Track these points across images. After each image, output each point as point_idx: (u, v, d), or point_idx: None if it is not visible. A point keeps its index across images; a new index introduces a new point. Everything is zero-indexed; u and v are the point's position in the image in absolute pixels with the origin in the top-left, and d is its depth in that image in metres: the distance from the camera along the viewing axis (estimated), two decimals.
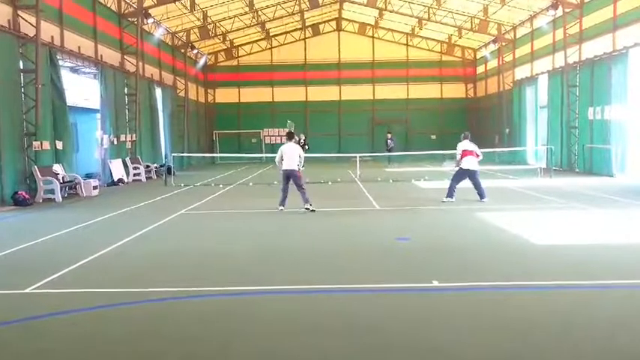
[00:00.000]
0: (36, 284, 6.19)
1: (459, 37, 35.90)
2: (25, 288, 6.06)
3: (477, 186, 13.12)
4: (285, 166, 11.88)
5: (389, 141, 28.39)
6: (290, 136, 12.48)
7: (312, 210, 11.69)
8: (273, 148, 37.21)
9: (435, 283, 6.03)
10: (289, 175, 11.90)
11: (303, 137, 27.42)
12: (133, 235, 9.13)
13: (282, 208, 11.90)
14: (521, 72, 30.00)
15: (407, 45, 38.76)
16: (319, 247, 8.22)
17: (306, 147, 27.82)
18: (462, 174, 13.13)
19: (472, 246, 8.08)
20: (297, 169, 11.90)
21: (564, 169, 23.14)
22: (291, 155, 11.87)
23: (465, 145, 13.30)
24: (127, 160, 22.34)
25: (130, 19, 23.20)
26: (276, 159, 12.25)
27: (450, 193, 13.04)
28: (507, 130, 31.55)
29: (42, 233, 9.51)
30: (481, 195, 13.04)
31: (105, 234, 9.49)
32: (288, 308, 5.32)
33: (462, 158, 13.15)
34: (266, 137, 38.69)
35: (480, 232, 9.29)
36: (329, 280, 6.29)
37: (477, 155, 13.19)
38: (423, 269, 6.79)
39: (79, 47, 19.10)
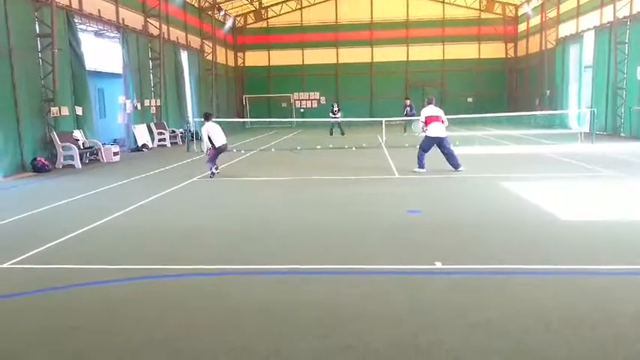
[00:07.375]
0: (14, 259, 5.92)
1: None
2: (3, 263, 5.80)
3: (448, 156, 12.05)
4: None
5: (407, 108, 26.54)
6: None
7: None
8: (304, 113, 36.60)
9: (438, 265, 5.41)
10: None
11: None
12: (129, 208, 8.75)
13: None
14: (566, 29, 27.94)
15: (443, 2, 36.81)
16: (318, 222, 7.59)
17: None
18: (429, 142, 12.10)
19: (489, 221, 7.35)
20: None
21: (608, 133, 21.62)
22: None
23: (430, 110, 12.24)
24: (152, 125, 22.20)
25: None
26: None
27: (421, 164, 12.09)
28: (548, 92, 29.76)
29: (45, 202, 9.33)
30: (455, 165, 11.96)
31: (104, 204, 9.18)
32: (255, 293, 4.80)
33: (427, 125, 12.11)
34: (296, 101, 37.95)
35: (501, 204, 8.50)
36: (316, 260, 5.73)
37: (443, 121, 12.11)
38: (427, 248, 6.14)
39: (99, 10, 18.76)
